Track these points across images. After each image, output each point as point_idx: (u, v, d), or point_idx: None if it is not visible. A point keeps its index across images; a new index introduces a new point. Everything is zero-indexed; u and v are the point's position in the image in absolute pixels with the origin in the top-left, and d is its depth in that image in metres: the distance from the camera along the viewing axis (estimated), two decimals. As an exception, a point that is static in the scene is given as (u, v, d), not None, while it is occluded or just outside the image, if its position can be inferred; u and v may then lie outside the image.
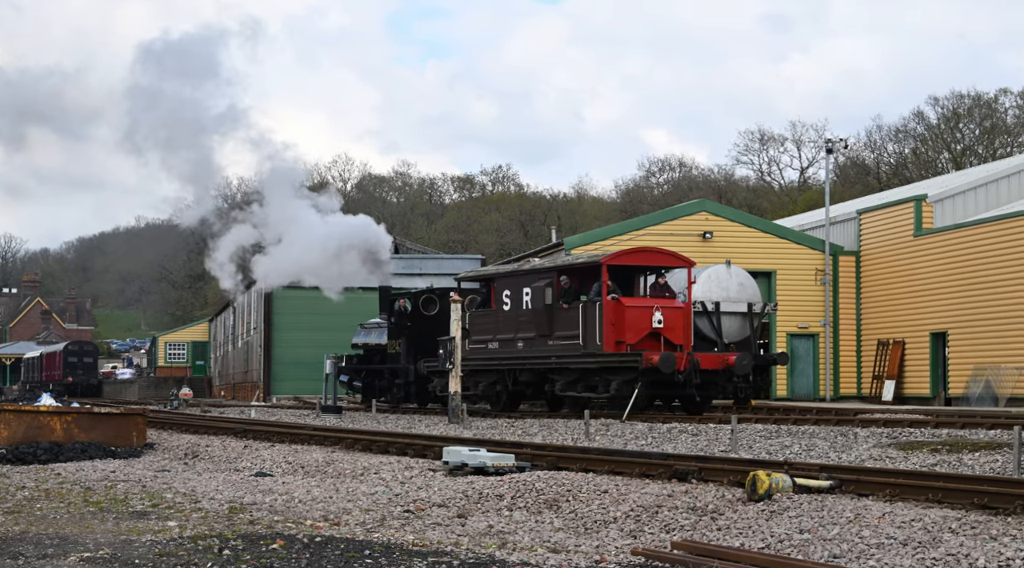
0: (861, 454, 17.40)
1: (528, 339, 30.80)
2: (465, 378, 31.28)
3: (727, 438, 20.37)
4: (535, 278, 30.90)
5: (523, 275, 31.55)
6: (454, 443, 19.91)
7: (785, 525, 11.79)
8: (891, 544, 10.58)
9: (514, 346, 31.31)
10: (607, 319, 28.50)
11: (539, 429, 25.92)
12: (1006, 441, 17.02)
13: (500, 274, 33.12)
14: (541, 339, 30.35)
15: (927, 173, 74.86)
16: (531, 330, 30.71)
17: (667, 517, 12.89)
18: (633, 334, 28.50)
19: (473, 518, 13.48)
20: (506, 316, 31.58)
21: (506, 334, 31.60)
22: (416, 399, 37.63)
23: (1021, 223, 37.57)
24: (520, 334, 31.09)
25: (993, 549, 10.01)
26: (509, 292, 31.60)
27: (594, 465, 16.69)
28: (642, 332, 28.55)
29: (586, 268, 29.91)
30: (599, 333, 28.54)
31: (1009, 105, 79.79)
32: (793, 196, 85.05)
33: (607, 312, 28.58)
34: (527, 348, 30.88)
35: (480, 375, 32.61)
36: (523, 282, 31.18)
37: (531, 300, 30.75)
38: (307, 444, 23.48)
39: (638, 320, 28.60)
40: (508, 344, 31.51)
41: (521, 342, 31.08)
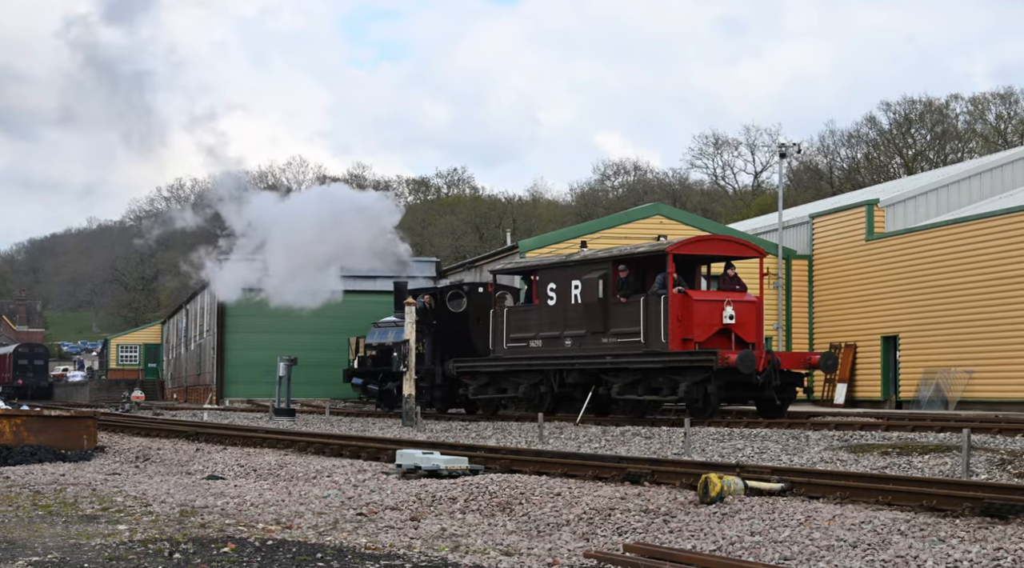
0: (812, 457, 17.51)
1: (577, 337, 28.33)
2: (501, 379, 29.92)
3: (680, 441, 20.45)
4: (587, 269, 28.15)
5: (572, 266, 28.81)
6: (408, 446, 19.88)
7: (736, 527, 11.84)
8: (841, 546, 10.66)
9: (560, 344, 28.79)
10: (673, 314, 25.97)
11: (493, 432, 25.94)
12: (955, 444, 17.17)
13: (544, 265, 30.07)
14: (593, 336, 27.87)
15: (879, 178, 75.43)
16: (581, 327, 28.21)
17: (620, 520, 12.92)
18: (702, 331, 26.10)
19: (426, 521, 13.47)
20: (551, 311, 29.06)
21: (551, 331, 29.06)
22: (444, 403, 34.69)
23: (971, 228, 37.92)
24: (568, 331, 28.59)
25: (941, 551, 10.10)
26: (555, 285, 29.01)
27: (547, 468, 16.73)
28: (712, 328, 26.19)
29: (648, 258, 27.32)
30: (664, 329, 26.02)
31: (960, 111, 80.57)
32: (747, 200, 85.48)
33: (673, 306, 26.01)
34: (576, 346, 28.37)
35: (520, 377, 29.96)
36: (572, 274, 28.49)
37: (581, 293, 28.07)
38: (260, 447, 23.38)
39: (708, 315, 26.16)
40: (553, 342, 29.03)
41: (569, 340, 28.56)
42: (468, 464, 17.14)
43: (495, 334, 30.75)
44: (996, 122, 79.07)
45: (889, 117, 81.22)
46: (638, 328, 26.62)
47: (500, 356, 30.17)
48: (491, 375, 30.70)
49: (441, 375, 33.43)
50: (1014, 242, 35.80)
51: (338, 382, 54.36)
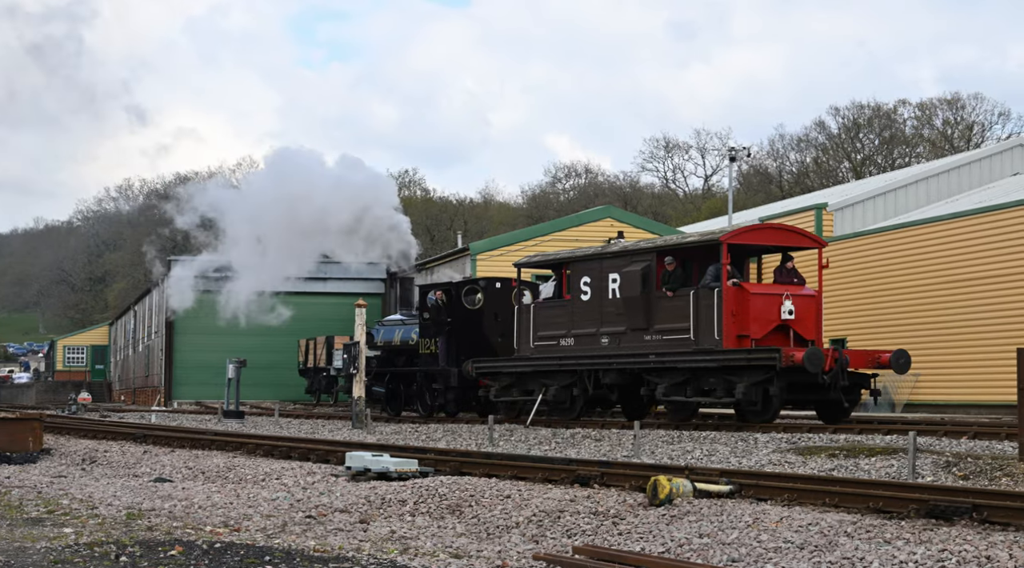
0: (761, 459, 17.61)
1: (616, 334, 26.13)
2: (527, 381, 28.02)
3: (630, 443, 20.50)
4: (627, 261, 25.97)
5: (609, 258, 26.53)
6: (357, 448, 19.84)
7: (685, 529, 11.89)
8: (788, 548, 10.72)
9: (596, 342, 26.55)
10: (727, 308, 23.87)
11: (443, 434, 25.91)
12: (901, 446, 17.31)
13: (576, 258, 27.73)
14: (634, 334, 25.68)
15: (828, 182, 75.98)
16: (620, 323, 25.99)
17: (569, 522, 12.94)
18: (759, 327, 24.01)
19: (375, 524, 13.44)
20: (585, 307, 26.86)
21: (585, 328, 26.87)
22: (459, 406, 32.21)
23: (919, 232, 38.26)
24: (604, 328, 26.36)
25: (887, 552, 10.18)
26: (589, 279, 26.80)
27: (497, 470, 16.73)
28: (769, 325, 24.10)
29: (698, 248, 25.15)
30: (717, 325, 23.90)
31: (908, 116, 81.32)
32: (697, 203, 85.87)
33: (728, 300, 23.90)
34: (614, 345, 26.16)
35: (549, 378, 27.64)
36: (609, 267, 26.34)
37: (620, 287, 25.90)
38: (208, 449, 23.25)
39: (765, 310, 24.09)
40: (587, 340, 26.79)
41: (606, 338, 26.33)
42: (418, 466, 17.12)
43: (520, 332, 28.61)
44: (943, 127, 79.84)
45: (838, 122, 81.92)
46: (687, 324, 24.55)
47: (526, 356, 27.98)
48: (515, 376, 28.61)
49: (457, 376, 31.03)
50: (960, 246, 36.15)
51: (288, 384, 54.28)
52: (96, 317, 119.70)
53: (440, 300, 32.12)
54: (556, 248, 39.90)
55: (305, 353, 51.76)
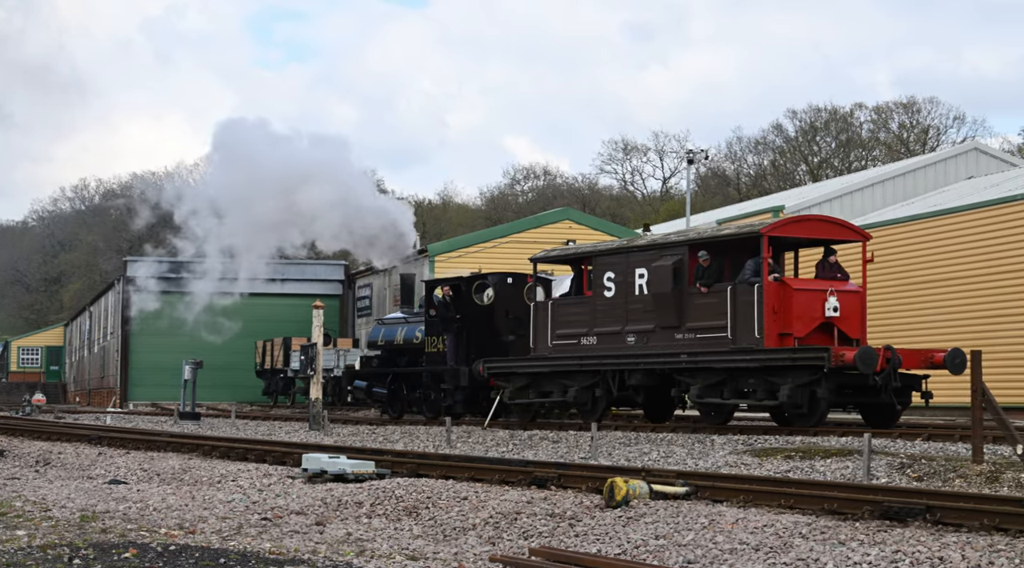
0: (717, 461, 17.67)
1: (643, 332, 24.66)
2: (544, 382, 26.62)
3: (587, 445, 20.54)
4: (656, 255, 24.53)
5: (636, 252, 25.11)
6: (314, 450, 19.77)
7: (641, 531, 11.92)
8: (744, 549, 10.77)
9: (621, 341, 25.09)
10: (769, 305, 22.46)
11: (400, 436, 25.88)
12: (856, 448, 17.41)
13: (599, 252, 26.30)
14: (664, 332, 24.24)
15: (785, 185, 76.34)
16: (648, 321, 24.56)
17: (526, 524, 12.95)
18: (802, 325, 22.64)
19: (332, 525, 13.40)
20: (608, 304, 25.39)
21: (609, 326, 25.38)
22: (468, 408, 30.37)
23: (874, 234, 38.34)
24: (631, 326, 24.91)
25: (841, 553, 10.25)
26: (613, 274, 25.36)
27: (454, 472, 16.72)
28: (813, 322, 22.75)
29: (735, 242, 23.74)
30: (758, 323, 22.48)
31: (864, 119, 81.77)
32: (655, 205, 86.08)
33: (769, 296, 22.49)
34: (641, 343, 24.69)
35: (569, 378, 26.14)
36: (636, 261, 24.91)
37: (649, 283, 24.48)
38: (164, 451, 23.12)
39: (808, 307, 22.72)
40: (611, 339, 25.30)
41: (632, 336, 24.85)
42: (375, 468, 17.08)
43: (537, 330, 27.03)
44: (899, 131, 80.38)
45: (795, 125, 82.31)
46: (724, 322, 23.11)
47: (543, 355, 26.53)
48: (532, 377, 27.06)
49: (467, 376, 29.30)
50: (915, 250, 36.35)
51: (245, 385, 54.10)
52: (51, 318, 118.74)
53: (447, 296, 30.52)
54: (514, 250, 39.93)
55: (262, 354, 51.60)
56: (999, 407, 15.55)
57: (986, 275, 33.45)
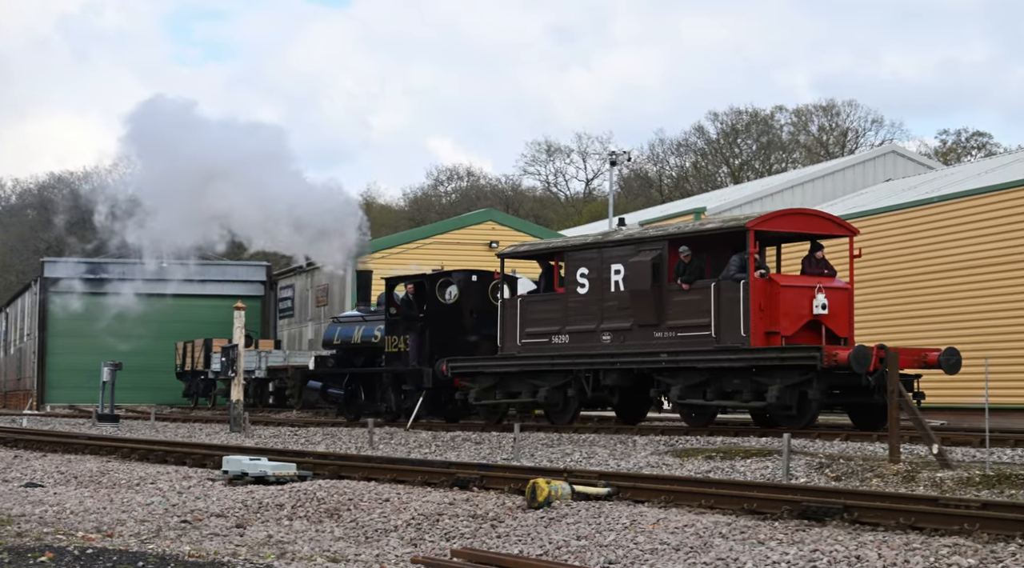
0: (639, 461, 17.76)
1: (620, 331, 23.77)
2: (512, 382, 25.71)
3: (510, 446, 20.56)
4: (633, 251, 23.64)
5: (611, 247, 24.16)
6: (235, 452, 19.62)
7: (563, 532, 11.95)
8: (664, 549, 10.83)
9: (596, 340, 24.19)
10: (755, 302, 21.61)
11: (323, 438, 25.76)
12: (776, 448, 17.57)
13: (572, 247, 25.40)
14: (643, 330, 23.35)
15: (707, 186, 76.92)
16: (625, 319, 23.65)
17: (448, 525, 12.94)
18: (789, 323, 21.81)
19: (252, 528, 13.31)
20: (582, 301, 24.46)
21: (582, 324, 24.46)
22: (433, 410, 29.15)
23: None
24: (606, 324, 24.03)
25: (760, 553, 10.34)
26: (587, 270, 24.40)
27: (376, 474, 16.68)
28: (800, 320, 21.93)
29: (719, 236, 22.82)
30: (744, 321, 21.64)
31: (784, 122, 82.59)
32: (578, 207, 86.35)
33: (755, 293, 21.65)
34: (617, 342, 23.80)
35: (540, 378, 25.19)
36: (612, 257, 23.99)
37: (626, 279, 23.57)
38: (81, 453, 22.83)
39: (796, 304, 21.89)
40: (585, 337, 24.41)
41: (608, 335, 23.96)
42: (296, 470, 16.99)
43: (505, 329, 26.06)
44: (819, 133, 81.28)
45: (717, 127, 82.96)
46: (707, 320, 22.22)
47: (512, 355, 25.59)
48: (499, 377, 26.16)
49: (431, 377, 28.13)
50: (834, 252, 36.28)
51: (165, 387, 53.62)
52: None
53: (410, 294, 29.34)
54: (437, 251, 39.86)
55: (183, 356, 51.18)
56: (915, 407, 15.78)
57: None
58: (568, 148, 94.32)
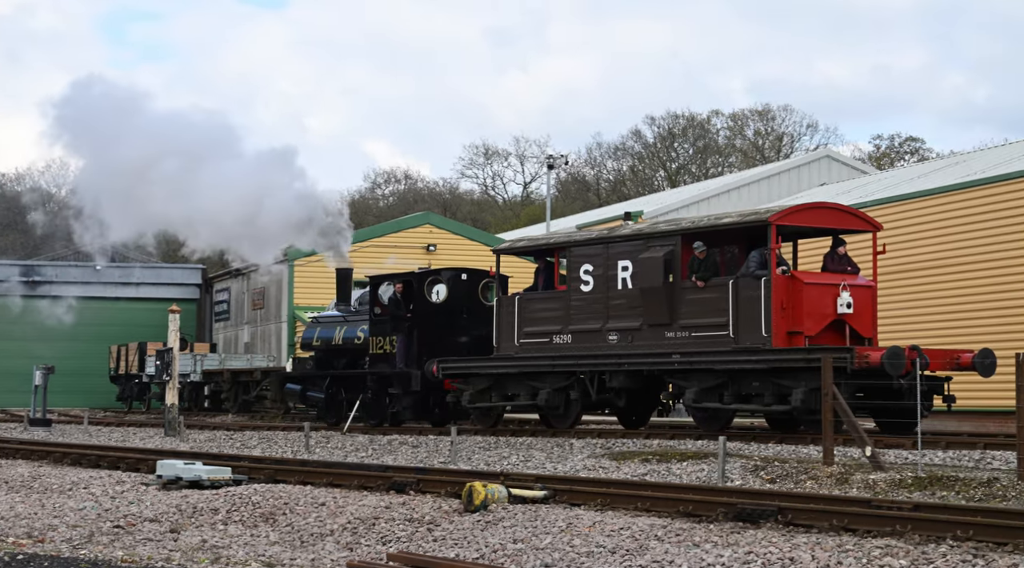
0: (576, 465, 17.79)
1: (628, 331, 22.65)
2: (509, 384, 24.65)
3: (447, 449, 20.54)
4: (643, 246, 22.57)
5: (619, 242, 23.10)
6: (169, 456, 19.45)
7: (499, 535, 11.96)
8: (600, 552, 10.86)
9: (601, 340, 23.05)
10: (777, 301, 20.59)
11: (258, 442, 25.61)
12: (712, 451, 17.66)
13: (575, 242, 24.19)
14: (653, 330, 22.23)
15: (644, 190, 77.26)
16: (634, 318, 22.54)
17: (384, 529, 12.90)
18: (813, 322, 20.77)
19: (186, 533, 13.20)
20: (586, 299, 23.35)
21: (586, 324, 23.34)
22: (416, 413, 27.88)
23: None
24: (613, 323, 22.89)
25: (696, 555, 10.39)
26: (592, 267, 23.29)
27: (313, 478, 16.60)
28: (824, 320, 20.88)
29: (737, 231, 21.90)
30: (765, 321, 20.60)
31: (720, 126, 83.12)
32: (516, 210, 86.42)
33: (777, 291, 20.62)
34: (625, 342, 22.67)
35: (539, 380, 24.07)
36: (619, 252, 22.94)
37: (635, 276, 22.45)
38: (12, 458, 22.55)
39: (819, 303, 20.82)
40: (590, 337, 23.26)
41: (615, 334, 22.83)
42: (231, 474, 16.87)
43: (501, 328, 24.88)
44: (754, 138, 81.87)
45: (654, 131, 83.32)
46: (725, 319, 21.14)
47: (509, 355, 24.47)
48: (495, 378, 25.01)
49: (420, 379, 26.91)
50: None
51: (99, 391, 53.07)
52: None
53: (398, 294, 27.96)
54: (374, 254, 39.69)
55: (117, 359, 50.70)
56: (847, 408, 15.92)
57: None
58: (506, 151, 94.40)
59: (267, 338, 50.14)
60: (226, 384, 42.04)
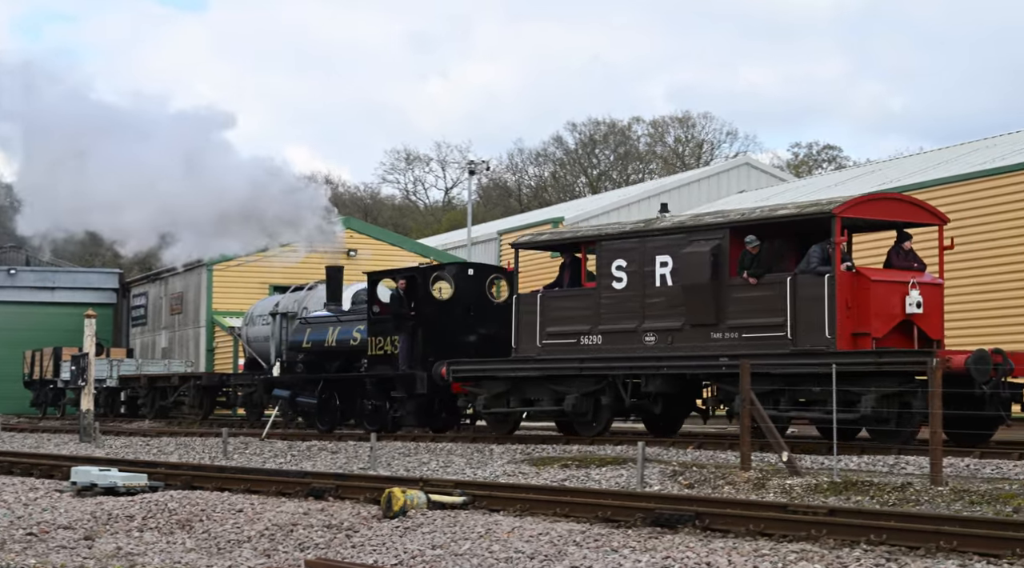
0: (496, 470, 17.80)
1: (667, 331, 21.04)
2: (529, 388, 22.96)
3: (367, 455, 20.47)
4: (685, 240, 20.93)
5: (657, 236, 21.47)
6: (84, 463, 19.22)
7: (418, 541, 11.93)
8: (519, 558, 10.87)
9: (636, 341, 21.41)
10: (842, 300, 19.02)
11: (176, 448, 25.36)
12: (631, 456, 17.75)
13: (607, 235, 22.47)
14: (696, 330, 20.63)
15: (565, 196, 77.51)
16: (674, 317, 20.93)
17: (302, 535, 12.83)
18: (881, 323, 19.16)
19: (101, 540, 13.05)
20: (619, 297, 21.71)
21: (619, 324, 21.70)
22: (425, 419, 25.86)
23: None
24: (650, 323, 21.26)
25: (614, 561, 10.44)
26: (625, 262, 21.68)
27: (230, 484, 16.49)
28: (892, 320, 19.26)
29: (794, 224, 20.29)
30: (829, 321, 19.00)
31: (641, 133, 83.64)
32: (438, 215, 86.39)
33: (842, 289, 19.04)
34: (663, 344, 21.06)
35: (564, 384, 22.35)
36: (657, 247, 21.34)
37: (676, 273, 20.85)
38: (-77, 465, 22.16)
39: (887, 302, 19.23)
40: (623, 338, 21.59)
41: (652, 335, 21.22)
42: (147, 481, 16.72)
43: (521, 327, 23.20)
44: (675, 145, 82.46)
45: (575, 137, 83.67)
46: (782, 319, 19.56)
47: (530, 357, 22.79)
48: (513, 382, 23.20)
49: (426, 382, 24.93)
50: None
51: (11, 397, 52.23)
52: None
53: (400, 291, 25.88)
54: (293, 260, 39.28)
55: (31, 364, 49.94)
56: (766, 414, 16.06)
57: None
58: (427, 157, 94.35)
59: (185, 343, 49.67)
60: (143, 390, 41.61)
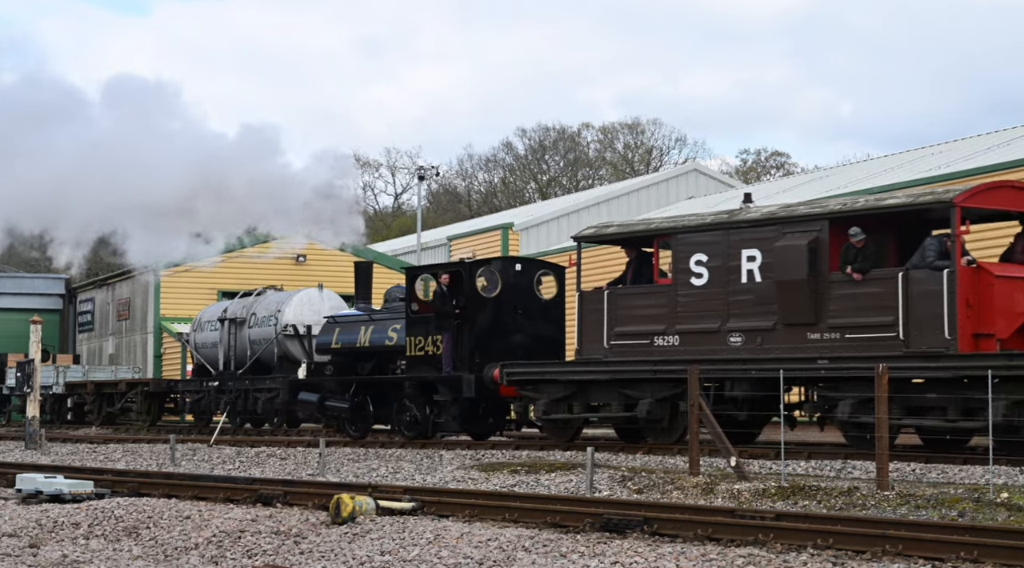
0: (445, 476, 17.79)
1: (756, 331, 19.41)
2: (594, 392, 21.39)
3: (315, 461, 20.40)
4: (777, 232, 19.27)
5: (743, 228, 19.83)
6: (29, 470, 19.05)
7: (367, 547, 11.91)
8: (468, 563, 10.87)
9: (720, 342, 19.78)
10: (962, 297, 17.40)
11: (123, 454, 25.19)
12: (580, 462, 17.79)
13: (683, 228, 20.72)
14: (791, 330, 18.98)
15: (515, 202, 77.61)
16: (764, 316, 19.31)
17: (250, 542, 12.77)
18: (1006, 323, 17.58)
19: (46, 548, 12.93)
20: (699, 295, 20.11)
21: (699, 323, 20.07)
22: (470, 425, 24.44)
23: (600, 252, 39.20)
24: (735, 322, 19.66)
25: (562, 566, 10.46)
26: (706, 257, 20.10)
27: (178, 491, 16.40)
28: (1016, 320, 17.68)
29: (906, 214, 18.60)
30: (948, 321, 17.37)
31: (591, 139, 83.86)
32: (387, 221, 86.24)
33: (963, 286, 17.43)
34: (752, 345, 19.40)
35: (636, 388, 20.70)
36: (743, 240, 19.74)
37: (766, 268, 19.26)
38: None
39: (1011, 300, 17.65)
40: (704, 339, 19.97)
41: (738, 336, 19.57)
42: (94, 488, 16.59)
43: (585, 328, 21.59)
44: (624, 151, 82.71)
45: (525, 143, 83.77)
46: (892, 318, 17.90)
47: (596, 359, 21.21)
48: (577, 386, 21.60)
49: (473, 385, 23.33)
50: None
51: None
52: None
53: (444, 286, 24.15)
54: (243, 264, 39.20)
55: (2, 369, 49.46)
56: (714, 420, 16.15)
57: None
58: (377, 162, 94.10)
59: (132, 349, 49.30)
60: (90, 396, 41.25)
